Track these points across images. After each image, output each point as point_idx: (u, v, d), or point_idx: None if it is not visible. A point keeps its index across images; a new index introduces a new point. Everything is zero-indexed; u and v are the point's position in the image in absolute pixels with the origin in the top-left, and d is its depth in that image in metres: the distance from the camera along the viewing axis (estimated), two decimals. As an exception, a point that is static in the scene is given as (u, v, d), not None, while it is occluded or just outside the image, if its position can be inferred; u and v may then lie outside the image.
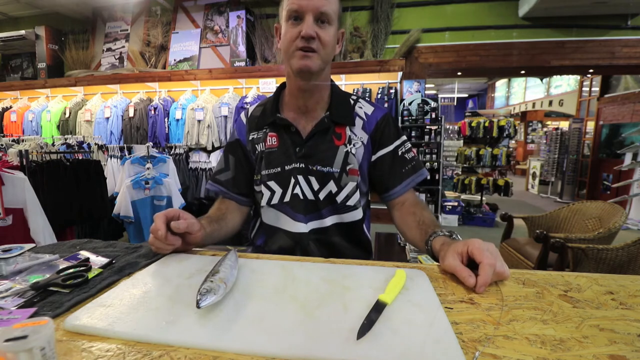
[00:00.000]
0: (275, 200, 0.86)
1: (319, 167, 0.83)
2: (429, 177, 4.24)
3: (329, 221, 0.85)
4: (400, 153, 0.87)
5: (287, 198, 0.85)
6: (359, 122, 0.87)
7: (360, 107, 0.89)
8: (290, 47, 0.76)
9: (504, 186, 4.53)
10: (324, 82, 0.85)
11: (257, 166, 0.89)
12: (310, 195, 0.84)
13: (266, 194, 0.86)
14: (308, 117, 0.86)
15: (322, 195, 0.84)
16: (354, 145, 0.85)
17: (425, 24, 4.09)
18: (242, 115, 0.96)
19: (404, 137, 0.89)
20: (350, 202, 0.85)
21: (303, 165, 0.84)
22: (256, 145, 0.89)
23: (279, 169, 0.85)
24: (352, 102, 0.90)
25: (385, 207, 0.92)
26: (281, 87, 0.92)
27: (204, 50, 4.59)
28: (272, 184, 0.86)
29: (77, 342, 0.41)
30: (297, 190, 0.84)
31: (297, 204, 0.84)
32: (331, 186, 0.83)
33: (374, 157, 0.87)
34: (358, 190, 0.85)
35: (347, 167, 0.83)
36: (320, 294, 0.53)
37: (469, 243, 0.58)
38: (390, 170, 0.86)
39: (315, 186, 0.84)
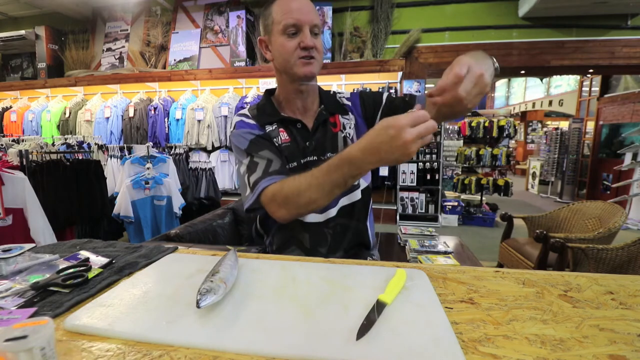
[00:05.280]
0: None
1: (328, 155, 0.89)
2: (429, 177, 4.25)
3: (339, 204, 0.91)
4: (393, 96, 0.97)
5: None
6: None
7: (341, 97, 0.99)
8: (291, 57, 0.82)
9: (503, 186, 4.53)
10: (315, 83, 0.93)
11: None
12: None
13: None
14: (306, 115, 0.93)
15: None
16: (349, 128, 0.94)
17: (425, 24, 4.09)
18: (243, 119, 0.92)
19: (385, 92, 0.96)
20: (354, 182, 0.91)
21: (316, 158, 0.89)
22: (274, 139, 0.89)
23: (295, 164, 0.88)
24: (334, 94, 1.00)
25: (385, 207, 0.93)
26: (269, 93, 0.96)
27: (204, 50, 4.59)
28: None
29: (77, 342, 0.41)
30: None
31: None
32: None
33: (379, 117, 0.94)
34: None
35: None
36: (320, 294, 0.53)
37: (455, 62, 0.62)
38: (402, 106, 0.93)
39: None
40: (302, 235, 0.90)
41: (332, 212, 0.90)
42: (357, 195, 0.94)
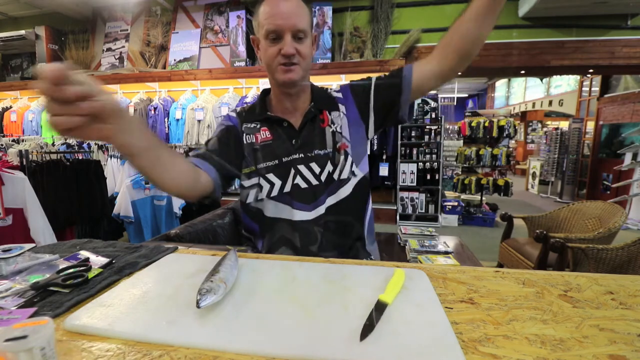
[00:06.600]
0: (275, 192, 0.89)
1: (316, 152, 0.89)
2: (429, 177, 4.25)
3: (329, 202, 0.90)
4: (381, 78, 0.93)
5: (287, 189, 0.89)
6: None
7: (332, 91, 0.99)
8: (272, 63, 0.82)
9: (503, 186, 4.53)
10: (306, 83, 0.92)
11: (251, 159, 0.92)
12: (314, 181, 0.89)
13: (265, 186, 0.90)
14: (296, 113, 0.92)
15: (323, 177, 0.89)
16: (338, 123, 0.92)
17: (425, 24, 4.08)
18: (230, 113, 0.99)
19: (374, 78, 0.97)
20: (344, 175, 0.91)
21: (302, 155, 0.89)
22: (247, 136, 0.92)
23: (277, 162, 0.89)
24: (325, 90, 0.99)
25: (385, 207, 0.92)
26: (265, 93, 0.98)
27: (204, 50, 4.59)
28: (270, 176, 0.89)
29: (77, 342, 0.41)
30: (298, 180, 0.88)
31: (298, 194, 0.88)
32: (329, 167, 0.90)
33: (372, 102, 0.92)
34: (347, 162, 0.92)
35: (337, 145, 0.91)
36: (321, 294, 0.53)
37: None
38: (389, 83, 0.90)
39: (317, 170, 0.89)
40: (292, 235, 0.89)
41: (321, 209, 0.89)
42: (346, 190, 0.91)
